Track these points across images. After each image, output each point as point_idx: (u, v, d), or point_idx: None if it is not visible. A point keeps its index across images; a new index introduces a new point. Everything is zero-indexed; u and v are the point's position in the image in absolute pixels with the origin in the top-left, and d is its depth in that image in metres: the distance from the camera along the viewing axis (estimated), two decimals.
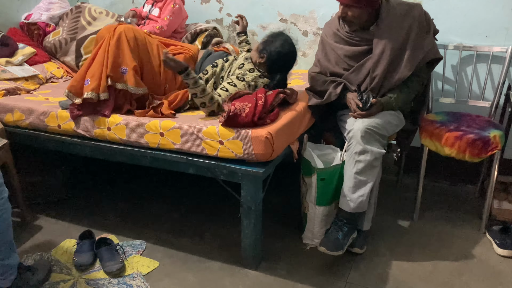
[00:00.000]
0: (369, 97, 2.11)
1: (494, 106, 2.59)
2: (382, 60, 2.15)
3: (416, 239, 2.36)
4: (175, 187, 2.94)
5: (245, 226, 2.09)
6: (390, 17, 2.15)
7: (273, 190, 2.28)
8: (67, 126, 2.28)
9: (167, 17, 2.97)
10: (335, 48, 2.30)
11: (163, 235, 2.43)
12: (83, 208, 2.31)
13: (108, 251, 2.18)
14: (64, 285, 2.06)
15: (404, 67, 2.15)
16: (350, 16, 2.16)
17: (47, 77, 2.96)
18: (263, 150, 1.92)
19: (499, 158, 2.29)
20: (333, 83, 2.28)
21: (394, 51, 2.14)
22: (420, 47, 2.16)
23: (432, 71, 2.37)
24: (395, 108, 2.20)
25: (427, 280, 2.07)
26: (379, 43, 2.16)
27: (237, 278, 2.10)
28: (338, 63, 2.30)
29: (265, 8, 3.12)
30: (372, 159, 2.06)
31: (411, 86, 2.22)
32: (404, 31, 2.14)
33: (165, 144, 2.10)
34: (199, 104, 2.14)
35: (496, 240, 2.27)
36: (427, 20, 2.20)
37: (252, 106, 1.98)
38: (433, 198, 2.75)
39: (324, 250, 2.06)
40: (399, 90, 2.19)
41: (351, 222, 2.15)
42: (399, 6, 2.18)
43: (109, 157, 2.29)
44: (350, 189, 2.10)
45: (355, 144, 2.07)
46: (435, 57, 2.23)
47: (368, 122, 2.07)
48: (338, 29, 2.30)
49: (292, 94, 2.26)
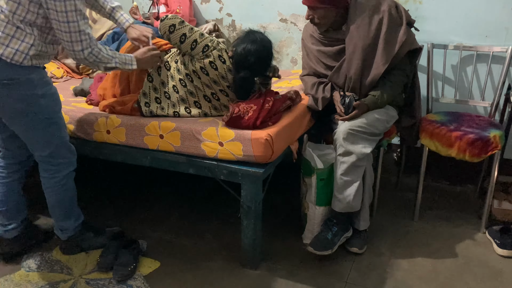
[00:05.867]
0: (351, 101, 2.13)
1: (494, 106, 2.59)
2: (355, 60, 2.17)
3: (416, 239, 2.36)
4: (175, 187, 2.94)
5: (245, 226, 2.09)
6: (358, 15, 2.16)
7: (273, 190, 2.28)
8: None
9: (178, 8, 2.99)
10: (313, 50, 2.35)
11: (163, 235, 2.43)
12: (83, 208, 2.31)
13: (125, 254, 2.15)
14: (64, 285, 2.06)
15: (379, 63, 2.15)
16: (316, 18, 2.18)
17: None
18: (263, 152, 1.92)
19: (499, 158, 2.29)
20: (321, 85, 2.30)
21: (366, 48, 2.14)
22: (393, 40, 2.15)
23: (415, 62, 2.34)
24: (381, 105, 2.20)
25: (427, 280, 2.07)
26: (350, 42, 2.17)
27: (237, 278, 2.10)
28: (319, 63, 2.34)
29: (265, 8, 3.12)
30: (355, 159, 2.08)
31: (395, 81, 2.21)
32: (373, 27, 2.14)
33: (165, 147, 2.10)
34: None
35: (496, 240, 2.27)
36: (399, 13, 2.18)
37: (256, 109, 1.98)
38: (433, 198, 2.75)
39: (311, 250, 2.10)
40: (382, 86, 2.19)
41: (341, 222, 2.17)
42: (368, 2, 2.18)
43: (109, 157, 2.29)
44: (338, 189, 2.14)
45: (338, 146, 2.11)
46: (412, 47, 2.20)
47: (351, 123, 2.11)
48: (313, 31, 2.33)
49: (296, 98, 2.26)
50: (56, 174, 2.07)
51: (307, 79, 2.40)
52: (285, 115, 2.14)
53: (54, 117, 1.98)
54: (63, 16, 1.74)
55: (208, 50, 2.03)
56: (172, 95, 2.15)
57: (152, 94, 2.17)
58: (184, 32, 2.03)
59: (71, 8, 1.74)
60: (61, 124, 2.04)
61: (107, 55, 1.94)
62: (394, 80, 2.21)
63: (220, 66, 2.05)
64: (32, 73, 1.86)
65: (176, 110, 2.16)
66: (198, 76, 2.08)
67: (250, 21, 3.18)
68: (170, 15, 2.08)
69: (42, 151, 2.01)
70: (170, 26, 2.04)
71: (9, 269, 2.17)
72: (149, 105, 2.16)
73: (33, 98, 1.88)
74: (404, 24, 2.17)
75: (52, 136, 1.99)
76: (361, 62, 2.16)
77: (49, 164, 2.05)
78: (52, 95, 1.97)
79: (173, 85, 2.14)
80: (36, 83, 1.88)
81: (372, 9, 2.16)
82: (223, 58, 2.05)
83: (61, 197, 2.12)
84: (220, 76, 2.06)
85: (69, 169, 2.10)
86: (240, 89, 2.07)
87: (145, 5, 3.42)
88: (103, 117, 2.20)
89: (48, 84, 1.95)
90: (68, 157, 2.08)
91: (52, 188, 2.10)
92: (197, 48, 2.04)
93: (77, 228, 2.23)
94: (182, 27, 2.04)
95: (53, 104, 1.97)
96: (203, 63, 2.04)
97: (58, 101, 2.01)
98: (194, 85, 2.11)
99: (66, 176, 2.09)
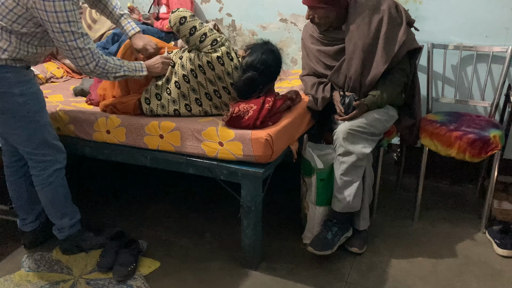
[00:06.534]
0: (351, 101, 2.13)
1: (494, 106, 2.59)
2: (355, 59, 2.17)
3: (416, 239, 2.36)
4: (175, 187, 2.94)
5: (245, 226, 2.09)
6: (358, 15, 2.16)
7: (273, 190, 2.28)
8: (67, 129, 2.28)
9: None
10: (313, 50, 2.35)
11: (163, 235, 2.43)
12: (82, 208, 2.31)
13: (125, 254, 2.15)
14: (64, 285, 2.06)
15: (379, 62, 2.15)
16: (316, 18, 2.18)
17: (47, 77, 2.96)
18: (262, 152, 1.92)
19: (499, 158, 2.29)
20: (321, 85, 2.30)
21: (365, 48, 2.14)
22: (393, 40, 2.15)
23: (415, 62, 2.33)
24: (381, 105, 2.20)
25: (427, 280, 2.07)
26: (350, 41, 2.18)
27: (237, 278, 2.10)
28: (319, 63, 2.34)
29: (265, 8, 3.12)
30: (355, 159, 2.09)
31: (395, 80, 2.21)
32: (373, 26, 2.14)
33: (165, 147, 2.10)
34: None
35: (496, 240, 2.27)
36: (398, 12, 2.19)
37: (256, 109, 1.98)
38: (433, 198, 2.75)
39: (311, 250, 2.10)
40: (382, 86, 2.19)
41: (341, 222, 2.17)
42: (367, 2, 2.18)
43: (109, 157, 2.29)
44: (338, 189, 2.14)
45: (338, 146, 2.11)
46: (412, 47, 2.20)
47: (351, 123, 2.12)
48: (313, 31, 2.33)
49: (296, 98, 2.26)
50: (42, 171, 2.08)
51: (307, 79, 2.40)
52: (285, 115, 2.14)
53: (34, 116, 1.99)
54: (60, 36, 1.82)
55: (217, 45, 2.06)
56: (173, 91, 2.15)
57: (152, 90, 2.18)
58: (194, 25, 2.07)
59: (67, 29, 1.81)
60: (42, 122, 2.03)
61: (115, 64, 1.98)
62: (394, 80, 2.21)
63: (227, 62, 2.07)
64: (8, 72, 1.88)
65: (176, 107, 2.16)
66: (203, 71, 2.09)
67: (250, 21, 3.19)
68: (181, 8, 2.13)
69: (23, 146, 2.04)
70: (182, 17, 2.06)
71: (9, 269, 2.18)
72: (149, 101, 2.17)
73: (9, 96, 1.90)
74: (404, 23, 2.17)
75: (33, 134, 2.01)
76: (361, 62, 2.16)
77: (33, 161, 2.08)
78: (32, 94, 1.97)
79: (176, 81, 2.15)
80: (13, 82, 1.90)
81: (372, 8, 2.16)
82: (231, 56, 2.08)
83: (51, 194, 2.13)
84: (225, 72, 2.07)
85: (55, 167, 2.10)
86: (244, 87, 2.08)
87: (145, 5, 3.42)
88: (103, 117, 2.20)
89: (28, 83, 1.96)
90: (53, 155, 2.08)
91: (41, 186, 2.11)
92: (206, 41, 2.06)
93: (73, 227, 2.24)
94: (193, 20, 2.08)
95: (32, 103, 1.97)
96: (211, 58, 2.05)
97: (38, 100, 2.01)
98: (197, 81, 2.12)
99: (53, 173, 2.10)
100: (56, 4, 1.75)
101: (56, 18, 1.77)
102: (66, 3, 1.77)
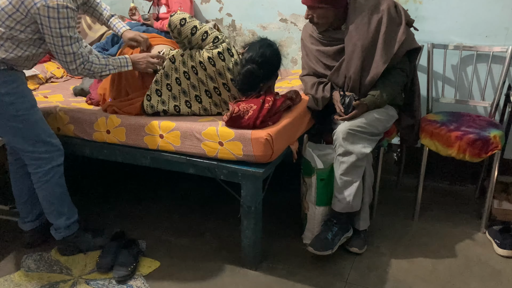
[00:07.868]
0: (351, 100, 2.13)
1: (494, 106, 2.59)
2: (354, 59, 2.17)
3: (416, 239, 2.36)
4: (175, 187, 2.94)
5: (245, 226, 2.09)
6: (357, 15, 2.16)
7: (273, 190, 2.28)
8: (67, 129, 2.28)
9: (179, 8, 2.99)
10: (312, 50, 2.35)
11: (163, 235, 2.43)
12: (82, 208, 2.31)
13: (125, 254, 2.15)
14: (64, 285, 2.06)
15: (378, 62, 2.15)
16: (315, 18, 2.18)
17: (47, 77, 2.96)
18: (263, 151, 1.92)
19: (499, 158, 2.29)
20: (321, 84, 2.30)
21: (365, 48, 2.14)
22: (392, 40, 2.15)
23: (415, 61, 2.33)
24: (381, 105, 2.20)
25: (427, 280, 2.07)
26: (350, 42, 2.18)
27: (237, 278, 2.10)
28: (318, 63, 2.34)
29: (265, 8, 3.12)
30: (355, 159, 2.09)
31: (394, 80, 2.21)
32: (373, 26, 2.14)
33: (165, 146, 2.10)
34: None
35: (496, 240, 2.27)
36: (398, 12, 2.19)
37: (256, 108, 1.98)
38: (433, 198, 2.75)
39: (311, 250, 2.10)
40: (381, 86, 2.19)
41: (341, 222, 2.17)
42: (367, 2, 2.18)
43: (109, 157, 2.29)
44: (338, 189, 2.14)
45: (338, 146, 2.11)
46: (411, 47, 2.21)
47: (350, 123, 2.12)
48: (313, 31, 2.33)
49: (296, 98, 2.26)
50: (38, 168, 2.10)
51: (307, 79, 2.40)
52: (285, 115, 2.14)
53: (23, 115, 2.01)
54: (59, 40, 1.90)
55: (218, 42, 2.10)
56: (174, 87, 2.17)
57: (153, 87, 2.18)
58: (195, 25, 2.12)
59: (66, 34, 1.90)
60: (34, 121, 2.05)
61: (100, 65, 2.06)
62: (394, 80, 2.21)
63: (228, 58, 2.10)
64: None
65: (176, 103, 2.17)
66: (204, 67, 2.10)
67: (250, 21, 3.19)
68: (179, 11, 2.18)
69: (18, 144, 2.06)
70: (181, 19, 2.10)
71: (9, 269, 2.17)
72: (150, 98, 2.18)
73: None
74: (403, 23, 2.17)
75: (25, 132, 2.03)
76: (360, 62, 2.16)
77: (29, 159, 2.09)
78: (20, 93, 2.00)
79: (176, 77, 2.17)
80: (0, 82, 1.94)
81: (371, 8, 2.16)
82: (231, 52, 2.11)
83: (48, 192, 2.14)
84: (226, 68, 2.09)
85: (51, 164, 2.11)
86: (244, 80, 2.07)
87: (145, 5, 3.41)
88: (103, 117, 2.20)
89: (13, 82, 1.98)
90: (48, 152, 2.10)
91: (38, 183, 2.13)
92: (208, 39, 2.10)
93: (70, 228, 2.24)
94: (192, 20, 2.13)
95: (20, 102, 1.99)
96: (212, 53, 2.08)
97: (27, 99, 2.04)
98: (197, 78, 2.13)
99: (49, 171, 2.11)
100: (60, 11, 1.84)
101: (58, 23, 1.86)
102: (68, 10, 1.87)
